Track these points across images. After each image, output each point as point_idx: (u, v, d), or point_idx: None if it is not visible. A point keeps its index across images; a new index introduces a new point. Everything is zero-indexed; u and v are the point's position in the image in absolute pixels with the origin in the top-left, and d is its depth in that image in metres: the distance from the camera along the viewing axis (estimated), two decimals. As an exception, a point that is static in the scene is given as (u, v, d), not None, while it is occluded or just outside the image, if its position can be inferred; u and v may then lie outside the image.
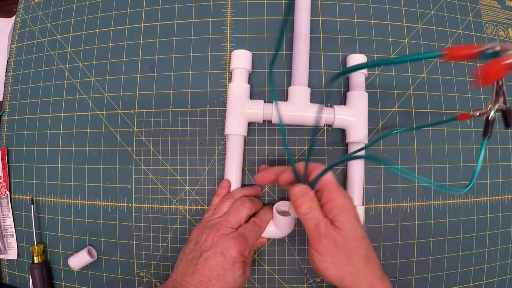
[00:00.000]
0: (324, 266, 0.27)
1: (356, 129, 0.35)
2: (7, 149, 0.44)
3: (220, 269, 0.30)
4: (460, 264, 0.38)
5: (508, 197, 0.40)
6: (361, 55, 0.37)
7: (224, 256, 0.30)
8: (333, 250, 0.27)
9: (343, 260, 0.27)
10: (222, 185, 0.36)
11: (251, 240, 0.32)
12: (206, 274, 0.30)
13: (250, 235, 0.32)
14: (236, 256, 0.30)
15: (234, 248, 0.30)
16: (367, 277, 0.27)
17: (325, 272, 0.28)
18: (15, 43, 0.46)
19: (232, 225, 0.32)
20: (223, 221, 0.32)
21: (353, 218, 0.28)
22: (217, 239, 0.31)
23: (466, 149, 0.39)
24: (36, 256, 0.40)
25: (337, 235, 0.27)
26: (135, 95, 0.40)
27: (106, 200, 0.40)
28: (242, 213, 0.33)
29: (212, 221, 0.33)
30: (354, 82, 0.36)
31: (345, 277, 0.27)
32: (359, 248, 0.28)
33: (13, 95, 0.45)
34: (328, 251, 0.27)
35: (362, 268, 0.27)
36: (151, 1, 0.42)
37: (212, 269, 0.30)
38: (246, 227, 0.32)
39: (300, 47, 0.36)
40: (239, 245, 0.30)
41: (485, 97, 0.40)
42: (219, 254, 0.30)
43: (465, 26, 0.41)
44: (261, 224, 0.33)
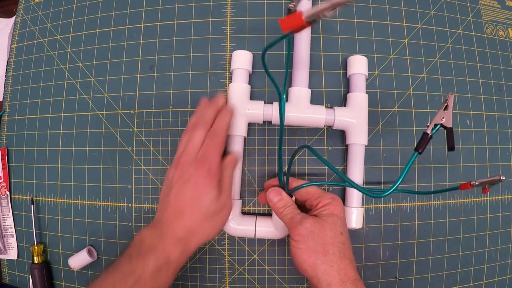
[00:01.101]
0: (299, 252, 0.28)
1: (356, 131, 0.35)
2: (7, 149, 0.44)
3: (192, 196, 0.29)
4: (460, 264, 0.38)
5: (508, 197, 0.40)
6: (361, 56, 0.37)
7: (191, 181, 0.29)
8: (307, 237, 0.28)
9: (318, 248, 0.28)
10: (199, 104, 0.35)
11: (212, 156, 0.30)
12: (179, 205, 0.30)
13: (209, 151, 0.30)
14: (202, 177, 0.29)
15: (196, 170, 0.30)
16: (340, 272, 0.27)
17: (299, 259, 0.28)
18: (15, 43, 0.46)
19: (191, 152, 0.31)
20: (183, 154, 0.31)
21: (336, 214, 0.30)
22: (182, 170, 0.30)
23: (466, 149, 0.39)
24: (36, 256, 0.40)
25: (314, 223, 0.29)
26: (135, 95, 0.40)
27: (106, 200, 0.40)
28: (196, 138, 0.31)
29: (176, 156, 0.32)
30: (354, 83, 0.36)
31: (318, 265, 0.27)
32: (335, 240, 0.29)
33: (13, 95, 0.45)
34: (302, 237, 0.28)
35: (337, 261, 0.28)
36: (151, 1, 0.42)
37: (184, 197, 0.30)
38: (204, 145, 0.31)
39: (300, 48, 0.36)
40: (201, 165, 0.30)
41: (485, 97, 0.40)
42: (187, 182, 0.30)
43: (465, 26, 0.41)
44: (217, 133, 0.31)
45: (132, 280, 0.26)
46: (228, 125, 0.33)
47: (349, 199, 0.35)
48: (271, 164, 0.38)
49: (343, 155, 0.38)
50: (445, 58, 0.40)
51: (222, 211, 0.31)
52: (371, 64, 0.39)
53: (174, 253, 0.28)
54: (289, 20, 0.19)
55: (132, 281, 0.26)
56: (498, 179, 0.22)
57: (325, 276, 0.27)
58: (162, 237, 0.29)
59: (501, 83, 0.41)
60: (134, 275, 0.26)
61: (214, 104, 0.33)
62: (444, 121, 0.26)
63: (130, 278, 0.26)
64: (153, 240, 0.28)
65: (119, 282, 0.26)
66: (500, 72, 0.41)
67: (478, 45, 0.41)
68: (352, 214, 0.34)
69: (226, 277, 0.38)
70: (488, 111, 0.40)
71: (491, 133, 0.40)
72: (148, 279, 0.26)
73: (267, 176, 0.38)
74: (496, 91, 0.41)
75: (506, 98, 0.41)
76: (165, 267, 0.28)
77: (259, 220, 0.36)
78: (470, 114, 0.40)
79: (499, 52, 0.42)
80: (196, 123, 0.32)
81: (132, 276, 0.26)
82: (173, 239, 0.29)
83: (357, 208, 0.35)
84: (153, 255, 0.27)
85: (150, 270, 0.27)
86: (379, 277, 0.37)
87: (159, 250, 0.28)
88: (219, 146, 0.31)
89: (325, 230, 0.29)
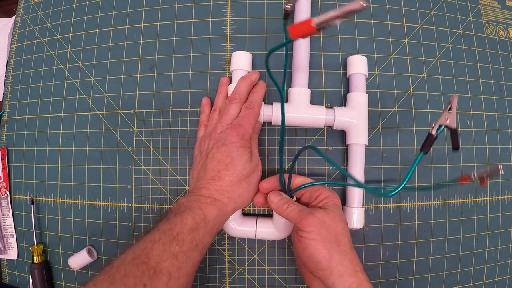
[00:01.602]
0: (313, 243, 0.28)
1: (356, 131, 0.35)
2: (7, 149, 0.44)
3: (227, 159, 0.31)
4: (460, 264, 0.38)
5: (508, 197, 0.40)
6: (361, 56, 0.37)
7: (226, 145, 0.31)
8: (321, 227, 0.28)
9: (331, 238, 0.28)
10: (203, 103, 0.38)
11: (247, 124, 0.32)
12: (215, 168, 0.31)
13: (244, 120, 0.33)
14: (236, 140, 0.31)
15: (231, 134, 0.32)
16: (352, 261, 0.28)
17: (313, 250, 0.28)
18: (15, 43, 0.46)
19: (227, 122, 0.33)
20: (218, 124, 0.34)
21: (339, 207, 0.31)
22: (217, 137, 0.32)
23: (466, 149, 0.39)
24: (36, 256, 0.40)
25: (325, 214, 0.29)
26: (135, 95, 0.40)
27: (106, 200, 0.40)
28: (232, 110, 0.34)
29: (210, 130, 0.34)
30: (354, 83, 0.36)
31: (333, 256, 0.27)
32: (345, 231, 0.29)
33: (13, 95, 0.45)
34: (315, 227, 0.28)
35: (349, 251, 0.28)
36: (151, 1, 0.42)
37: (219, 162, 0.31)
38: (240, 116, 0.33)
39: (300, 49, 0.36)
40: (236, 131, 0.32)
41: (485, 97, 0.40)
42: (221, 145, 0.32)
43: (465, 26, 0.41)
44: (252, 106, 0.34)
45: (171, 237, 0.26)
46: (262, 98, 0.35)
47: (350, 199, 0.35)
48: (272, 164, 0.38)
49: (343, 155, 0.38)
50: (445, 58, 0.40)
51: (254, 173, 0.33)
52: (371, 64, 0.39)
53: (211, 212, 0.29)
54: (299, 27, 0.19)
55: (171, 237, 0.26)
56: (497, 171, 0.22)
57: (339, 267, 0.27)
58: (198, 199, 0.30)
59: (501, 83, 0.41)
60: (172, 232, 0.27)
61: (248, 79, 0.35)
62: (448, 122, 0.26)
63: (169, 235, 0.26)
64: (190, 203, 0.30)
65: (159, 239, 0.26)
66: (500, 72, 0.41)
67: (478, 45, 0.41)
68: (353, 214, 0.34)
69: (226, 277, 0.38)
70: (488, 111, 0.40)
71: (491, 133, 0.40)
72: (186, 235, 0.27)
73: (267, 175, 0.38)
74: (496, 91, 0.41)
75: (506, 98, 0.41)
76: (203, 224, 0.28)
77: (260, 221, 0.36)
78: (470, 114, 0.40)
79: (499, 52, 0.42)
80: (232, 97, 0.34)
81: (170, 233, 0.27)
82: (209, 200, 0.30)
83: (358, 208, 0.35)
84: (191, 213, 0.28)
85: (188, 227, 0.27)
86: (379, 277, 0.37)
87: (197, 209, 0.29)
88: (253, 116, 0.33)
89: (336, 220, 0.29)
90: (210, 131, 0.34)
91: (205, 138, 0.34)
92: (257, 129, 0.36)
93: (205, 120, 0.37)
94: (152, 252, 0.25)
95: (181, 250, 0.26)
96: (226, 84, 0.37)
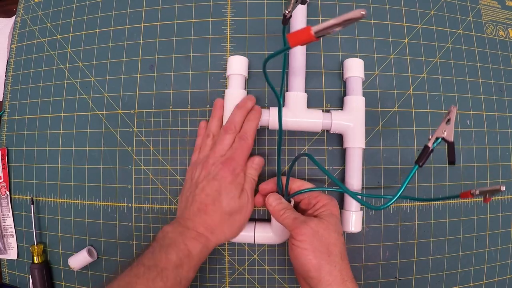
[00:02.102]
0: (305, 253, 0.28)
1: (354, 135, 0.35)
2: (7, 149, 0.44)
3: (214, 193, 0.31)
4: (460, 264, 0.38)
5: (508, 197, 0.40)
6: (357, 59, 0.37)
7: (217, 179, 0.31)
8: (313, 237, 0.28)
9: (323, 248, 0.28)
10: (201, 126, 0.38)
11: (239, 157, 0.32)
12: (203, 201, 0.31)
13: (237, 153, 0.32)
14: (227, 175, 0.31)
15: (223, 169, 0.31)
16: (342, 271, 0.28)
17: (304, 259, 0.28)
18: (15, 43, 0.46)
19: (220, 154, 0.33)
20: (211, 153, 0.33)
21: (336, 215, 0.31)
22: (209, 169, 0.32)
23: (466, 149, 0.39)
24: (36, 256, 0.40)
25: (319, 224, 0.29)
26: (135, 95, 0.40)
27: (106, 200, 0.40)
28: (226, 140, 0.33)
29: (202, 158, 0.34)
30: (350, 86, 0.36)
31: (323, 266, 0.27)
32: (338, 241, 0.29)
33: (13, 95, 0.45)
34: (307, 237, 0.28)
35: (339, 262, 0.28)
36: (151, 1, 0.42)
37: (208, 195, 0.31)
38: (232, 148, 0.33)
39: (296, 53, 0.36)
40: (227, 165, 0.31)
41: (485, 97, 0.40)
42: (212, 179, 0.31)
43: (465, 26, 0.41)
44: (246, 136, 0.33)
45: (155, 273, 0.27)
46: (256, 128, 0.34)
47: (348, 203, 0.35)
48: (272, 164, 0.38)
49: (343, 155, 0.38)
50: (445, 58, 0.40)
51: (240, 212, 0.32)
52: (371, 64, 0.39)
53: (195, 248, 0.29)
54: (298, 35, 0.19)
55: (155, 273, 0.27)
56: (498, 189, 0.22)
57: (327, 277, 0.27)
58: (183, 232, 0.30)
59: (501, 83, 0.41)
60: (157, 268, 0.27)
61: (243, 108, 0.34)
62: (445, 134, 0.26)
63: (153, 271, 0.27)
64: (175, 235, 0.30)
65: (143, 274, 0.26)
66: (500, 72, 0.41)
67: (478, 45, 0.41)
68: (350, 218, 0.34)
69: (226, 277, 0.38)
70: (488, 111, 0.40)
71: (491, 133, 0.40)
72: (171, 271, 0.27)
73: (267, 176, 0.38)
74: (496, 91, 0.41)
75: (506, 98, 0.41)
76: (187, 261, 0.29)
77: (258, 226, 0.35)
78: (470, 114, 0.40)
79: (499, 52, 0.42)
80: (227, 127, 0.34)
81: (155, 269, 0.27)
82: (194, 234, 0.30)
83: (355, 212, 0.34)
84: (175, 248, 0.28)
85: (172, 264, 0.28)
86: (379, 277, 0.37)
87: (181, 245, 0.29)
88: (246, 148, 0.33)
89: (329, 231, 0.29)
90: (203, 158, 0.34)
91: (197, 165, 0.34)
92: (257, 165, 0.35)
93: (200, 144, 0.36)
94: (136, 287, 0.26)
95: (164, 286, 0.26)
96: (220, 108, 0.36)
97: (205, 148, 0.35)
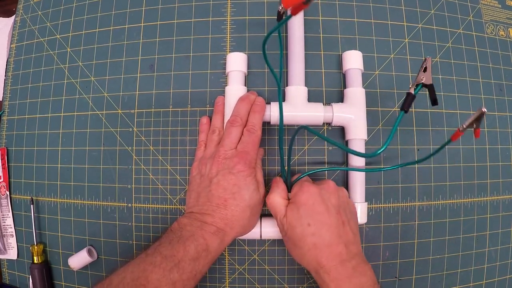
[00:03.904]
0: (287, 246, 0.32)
1: (355, 126, 0.35)
2: (7, 149, 0.44)
3: (234, 187, 0.31)
4: (460, 264, 0.38)
5: (508, 197, 0.40)
6: (356, 51, 0.37)
7: (233, 173, 0.31)
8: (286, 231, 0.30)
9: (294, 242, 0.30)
10: (203, 122, 0.37)
11: (252, 151, 0.32)
12: (221, 196, 0.31)
13: (249, 147, 0.32)
14: (244, 169, 0.31)
15: (239, 162, 0.31)
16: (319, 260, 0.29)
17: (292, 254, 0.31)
18: (15, 42, 0.46)
19: (230, 147, 0.32)
20: (220, 148, 0.33)
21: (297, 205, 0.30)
22: (221, 164, 0.32)
23: (466, 149, 0.39)
24: (36, 256, 0.40)
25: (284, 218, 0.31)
26: (135, 95, 0.40)
27: (106, 200, 0.40)
28: (234, 132, 0.33)
29: (210, 153, 0.34)
30: (350, 78, 0.36)
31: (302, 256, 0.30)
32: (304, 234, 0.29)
33: (12, 95, 0.45)
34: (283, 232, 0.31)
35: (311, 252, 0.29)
36: (151, 1, 0.42)
37: (225, 189, 0.31)
38: (243, 141, 0.33)
39: (295, 47, 0.36)
40: (243, 159, 0.31)
41: (485, 97, 0.40)
42: (228, 173, 0.31)
43: (465, 26, 0.41)
44: (254, 129, 0.33)
45: (172, 263, 0.27)
46: (261, 120, 0.34)
47: (353, 194, 0.35)
48: (272, 164, 0.38)
49: (343, 154, 0.38)
50: (446, 58, 0.40)
51: (261, 203, 0.33)
52: (372, 63, 0.39)
53: (213, 243, 0.29)
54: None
55: (172, 264, 0.27)
56: (482, 112, 0.23)
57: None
58: (202, 226, 0.30)
59: (502, 83, 0.41)
60: (174, 259, 0.27)
61: (247, 99, 0.34)
62: (424, 80, 0.29)
63: (171, 261, 0.27)
64: (194, 228, 0.29)
65: (160, 264, 0.26)
66: (500, 72, 0.41)
67: (478, 45, 0.41)
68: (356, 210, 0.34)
69: (226, 277, 0.38)
70: (488, 111, 0.40)
71: (491, 133, 0.40)
72: (187, 264, 0.27)
73: (267, 176, 0.38)
74: (497, 91, 0.41)
75: (507, 98, 0.41)
76: (204, 255, 0.29)
77: (264, 221, 0.35)
78: (470, 114, 0.40)
79: (500, 52, 0.42)
80: (233, 120, 0.33)
81: (172, 260, 0.27)
82: (213, 229, 0.30)
83: (361, 203, 0.35)
84: (194, 242, 0.28)
85: (190, 256, 0.28)
86: (379, 277, 0.37)
87: (200, 239, 0.29)
88: (257, 141, 0.33)
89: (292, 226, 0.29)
90: (211, 153, 0.34)
91: (205, 161, 0.33)
92: (260, 155, 0.36)
93: (205, 140, 0.36)
94: (152, 276, 0.25)
95: (180, 279, 0.26)
96: (222, 104, 0.36)
97: (211, 143, 0.35)
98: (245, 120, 0.34)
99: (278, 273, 0.38)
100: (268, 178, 0.38)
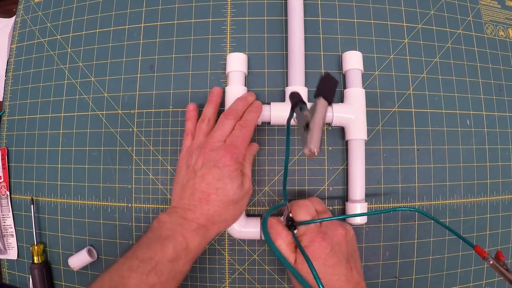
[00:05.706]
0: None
1: (355, 126, 0.35)
2: (7, 149, 0.44)
3: (218, 182, 0.29)
4: (460, 264, 0.38)
5: (508, 197, 0.40)
6: (356, 51, 0.37)
7: (219, 167, 0.30)
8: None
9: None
10: (189, 109, 0.36)
11: (241, 145, 0.31)
12: (204, 190, 0.30)
13: (239, 141, 0.31)
14: (231, 163, 0.30)
15: (225, 156, 0.30)
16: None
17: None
18: (15, 43, 0.46)
19: (218, 139, 0.31)
20: (210, 139, 0.31)
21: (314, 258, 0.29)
22: (208, 156, 0.30)
23: (466, 149, 0.39)
24: (36, 256, 0.40)
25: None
26: (135, 95, 0.40)
27: (106, 200, 0.40)
28: (227, 125, 0.32)
29: (198, 143, 0.33)
30: (350, 79, 0.37)
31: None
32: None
33: (13, 95, 0.45)
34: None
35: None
36: (151, 1, 0.42)
37: (209, 184, 0.30)
38: (233, 135, 0.31)
39: (294, 47, 0.36)
40: (230, 153, 0.30)
41: (485, 97, 0.40)
42: (213, 167, 0.30)
43: (465, 26, 0.41)
44: (247, 124, 0.32)
45: (149, 266, 0.26)
46: (256, 120, 0.33)
47: (352, 194, 0.35)
48: (271, 164, 0.38)
49: (343, 155, 0.38)
50: (445, 58, 0.40)
51: (244, 199, 0.32)
52: (371, 64, 0.39)
53: (193, 241, 0.28)
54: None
55: (150, 267, 0.26)
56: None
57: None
58: (182, 223, 0.29)
59: (501, 83, 0.41)
60: (152, 262, 0.26)
61: (245, 99, 0.34)
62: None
63: (148, 264, 0.26)
64: (173, 226, 0.28)
65: (137, 268, 0.26)
66: (500, 72, 0.41)
67: (478, 45, 0.41)
68: (355, 210, 0.34)
69: (226, 277, 0.38)
70: (488, 111, 0.40)
71: (491, 133, 0.40)
72: (165, 266, 0.26)
73: (267, 176, 0.38)
74: (496, 91, 0.41)
75: (506, 98, 0.41)
76: (184, 255, 0.28)
77: None
78: (470, 114, 0.40)
79: (499, 52, 0.42)
80: (228, 113, 0.32)
81: (150, 263, 0.26)
82: (194, 226, 0.29)
83: (360, 203, 0.35)
84: (173, 241, 0.27)
85: (168, 257, 0.27)
86: (379, 277, 0.37)
87: (179, 238, 0.28)
88: (248, 136, 0.32)
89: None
90: (199, 144, 0.33)
91: (192, 151, 0.32)
92: (254, 151, 0.35)
93: (192, 129, 0.35)
94: (129, 281, 0.25)
95: (158, 281, 0.26)
96: (218, 95, 0.36)
97: (200, 132, 0.34)
98: (240, 115, 0.33)
99: (278, 273, 0.38)
100: (268, 178, 0.38)
